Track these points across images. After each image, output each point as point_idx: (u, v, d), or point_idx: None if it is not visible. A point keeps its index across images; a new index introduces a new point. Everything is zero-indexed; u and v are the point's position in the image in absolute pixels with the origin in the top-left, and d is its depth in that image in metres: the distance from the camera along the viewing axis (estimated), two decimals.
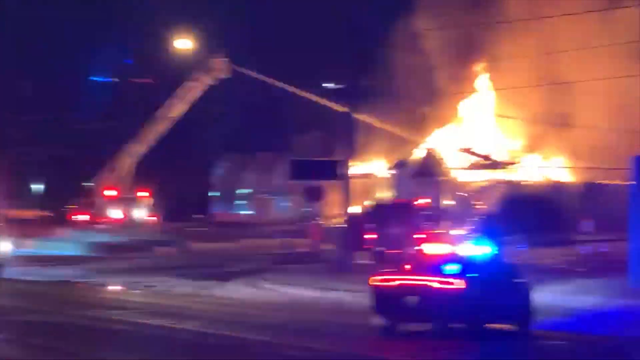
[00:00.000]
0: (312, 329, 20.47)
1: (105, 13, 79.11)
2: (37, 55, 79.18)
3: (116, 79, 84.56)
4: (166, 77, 68.97)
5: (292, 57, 74.45)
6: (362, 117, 50.88)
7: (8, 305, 26.00)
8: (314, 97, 65.17)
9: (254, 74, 66.31)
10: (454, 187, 58.63)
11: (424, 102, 63.12)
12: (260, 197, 75.17)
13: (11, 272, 37.05)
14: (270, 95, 70.53)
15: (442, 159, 60.97)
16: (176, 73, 67.92)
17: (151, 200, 70.53)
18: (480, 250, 20.59)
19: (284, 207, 72.64)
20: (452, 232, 41.89)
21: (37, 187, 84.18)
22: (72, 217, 70.96)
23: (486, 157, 61.33)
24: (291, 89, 65.70)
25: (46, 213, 73.60)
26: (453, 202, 55.39)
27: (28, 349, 17.63)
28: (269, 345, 17.99)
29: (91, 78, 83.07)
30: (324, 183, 42.31)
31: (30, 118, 78.57)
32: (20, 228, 52.46)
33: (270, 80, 66.03)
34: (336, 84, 64.12)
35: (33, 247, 51.29)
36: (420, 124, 63.67)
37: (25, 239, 49.61)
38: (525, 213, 48.40)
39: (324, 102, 62.49)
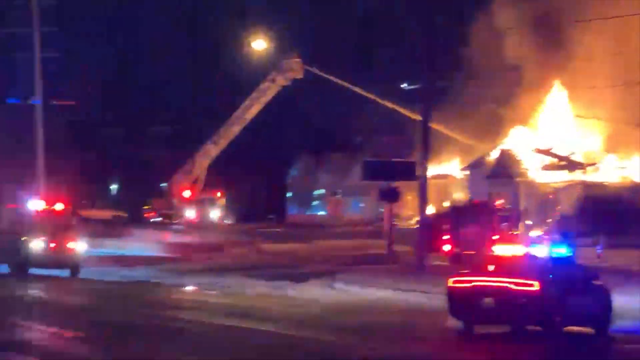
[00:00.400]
0: (387, 331, 20.26)
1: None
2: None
3: None
4: (242, 78, 69.12)
5: (367, 58, 74.32)
6: (436, 125, 50.31)
7: (84, 305, 26.18)
8: (389, 104, 64.86)
9: (324, 74, 66.18)
10: (531, 188, 57.91)
11: (500, 102, 62.47)
12: (335, 198, 75.07)
13: (87, 272, 37.35)
14: (345, 95, 70.37)
15: (518, 159, 60.28)
16: (251, 74, 68.12)
17: (225, 201, 70.87)
18: (556, 252, 20.29)
19: (358, 208, 72.48)
20: (529, 233, 41.43)
21: (114, 187, 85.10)
22: (147, 217, 71.59)
23: (566, 159, 60.45)
24: (364, 92, 65.49)
25: (121, 213, 74.29)
26: (529, 204, 54.69)
27: (104, 349, 17.66)
28: (343, 346, 17.82)
29: None
30: (399, 184, 42.07)
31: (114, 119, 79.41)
32: (96, 228, 53.00)
33: (341, 82, 65.86)
34: (411, 84, 63.78)
35: (108, 247, 51.69)
36: (496, 124, 62.99)
37: (100, 239, 50.05)
38: (603, 215, 47.66)
39: (396, 107, 62.33)
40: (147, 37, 79.13)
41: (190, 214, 69.45)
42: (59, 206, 40.30)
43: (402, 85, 69.69)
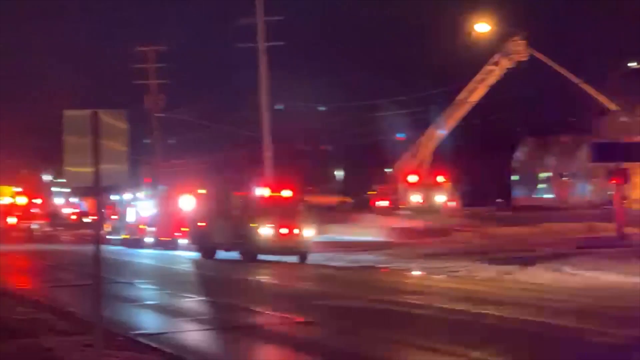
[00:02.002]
0: (618, 315, 19.56)
1: None
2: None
3: None
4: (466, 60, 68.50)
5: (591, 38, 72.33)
6: None
7: (312, 290, 26.52)
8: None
9: (545, 59, 64.73)
10: None
11: None
12: (562, 181, 73.44)
13: (314, 258, 37.92)
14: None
15: None
16: (475, 57, 67.40)
17: (451, 185, 70.49)
18: None
19: (586, 190, 70.65)
20: None
21: (339, 173, 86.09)
22: (374, 202, 72.05)
23: None
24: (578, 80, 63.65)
25: (347, 199, 75.14)
26: None
27: (333, 333, 17.80)
28: (572, 331, 17.32)
29: None
30: (628, 165, 40.74)
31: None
32: (323, 214, 53.74)
33: (562, 70, 64.21)
34: None
35: (335, 233, 52.35)
36: None
37: (327, 225, 50.75)
38: None
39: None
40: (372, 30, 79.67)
41: (415, 198, 69.42)
42: (287, 193, 41.08)
43: (629, 64, 67.33)
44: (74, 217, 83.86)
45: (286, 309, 20.59)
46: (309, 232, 39.06)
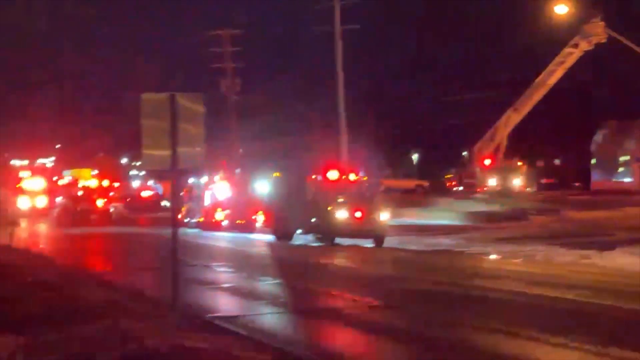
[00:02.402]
0: None
1: None
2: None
3: None
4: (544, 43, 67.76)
5: None
6: None
7: (388, 274, 26.47)
8: None
9: (624, 40, 63.74)
10: None
11: None
12: None
13: (390, 241, 37.82)
14: None
15: None
16: (554, 39, 66.64)
17: (528, 169, 69.91)
18: None
19: None
20: None
21: (415, 156, 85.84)
22: (450, 186, 71.76)
23: None
24: None
25: (423, 182, 74.89)
26: None
27: (408, 316, 17.75)
28: None
29: None
30: None
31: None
32: (399, 197, 53.63)
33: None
34: None
35: (411, 216, 52.19)
36: None
37: (403, 209, 50.60)
38: None
39: None
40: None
41: (492, 182, 68.95)
42: (363, 176, 41.05)
43: None
44: (150, 200, 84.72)
45: (362, 293, 20.55)
46: (384, 216, 38.95)
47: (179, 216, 41.53)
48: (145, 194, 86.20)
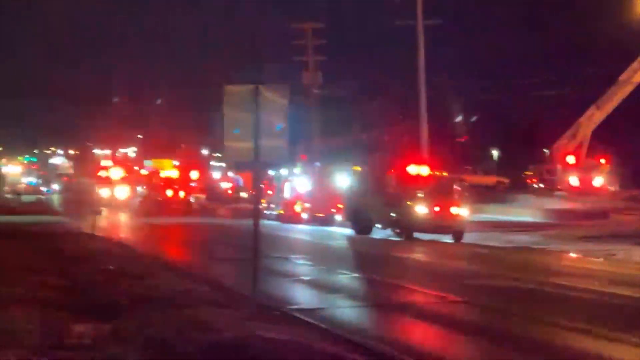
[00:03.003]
0: None
1: None
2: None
3: None
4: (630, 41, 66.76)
5: None
6: None
7: (467, 270, 26.36)
8: None
9: None
10: None
11: None
12: None
13: (469, 237, 37.67)
14: None
15: None
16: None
17: (610, 167, 68.97)
18: None
19: None
20: None
21: (495, 153, 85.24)
22: (530, 183, 71.13)
23: None
24: None
25: (504, 179, 74.33)
26: None
27: (487, 312, 17.67)
28: None
29: None
30: None
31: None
32: (479, 194, 53.32)
33: None
34: None
35: (490, 212, 51.89)
36: None
37: (483, 205, 50.31)
38: None
39: None
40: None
41: (573, 180, 68.18)
42: (443, 171, 40.95)
43: None
44: (230, 191, 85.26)
45: (440, 288, 20.49)
46: (464, 211, 38.81)
47: (261, 208, 41.73)
48: (225, 185, 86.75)
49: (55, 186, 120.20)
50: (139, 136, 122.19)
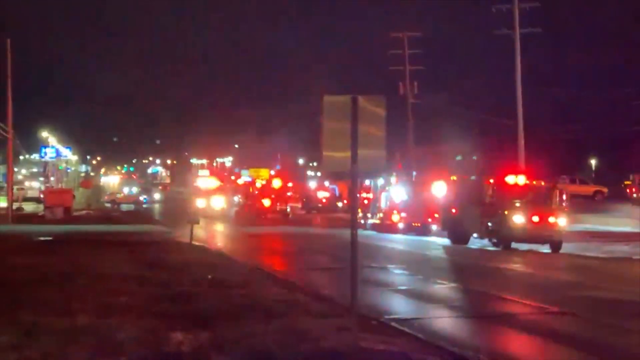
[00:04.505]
0: None
1: None
2: None
3: None
4: None
5: None
6: None
7: (567, 280, 26.02)
8: None
9: None
10: None
11: None
12: None
13: (567, 247, 37.18)
14: None
15: None
16: None
17: None
18: None
19: None
20: None
21: (593, 162, 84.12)
22: (629, 192, 70.02)
23: None
24: None
25: (603, 188, 73.28)
26: None
27: (588, 324, 17.42)
28: None
29: None
30: None
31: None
32: (578, 203, 52.61)
33: None
34: None
35: (590, 222, 51.18)
36: None
37: (582, 214, 49.62)
38: None
39: None
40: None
41: None
42: (540, 181, 40.52)
43: None
44: (324, 200, 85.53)
45: (539, 299, 20.26)
46: (562, 221, 38.34)
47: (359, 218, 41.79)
48: (321, 194, 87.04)
49: (153, 195, 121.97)
50: (235, 146, 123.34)
